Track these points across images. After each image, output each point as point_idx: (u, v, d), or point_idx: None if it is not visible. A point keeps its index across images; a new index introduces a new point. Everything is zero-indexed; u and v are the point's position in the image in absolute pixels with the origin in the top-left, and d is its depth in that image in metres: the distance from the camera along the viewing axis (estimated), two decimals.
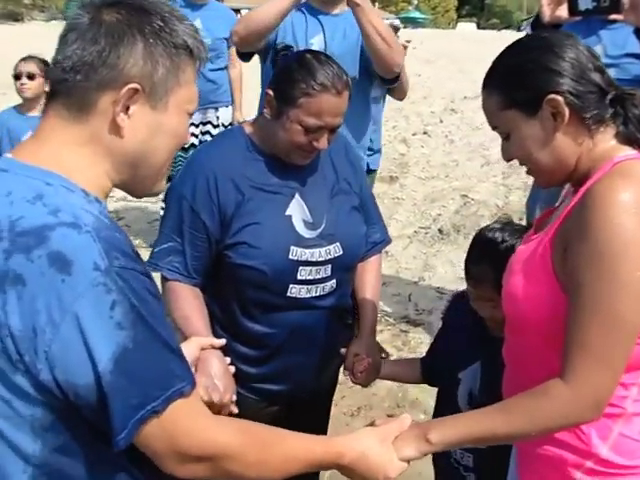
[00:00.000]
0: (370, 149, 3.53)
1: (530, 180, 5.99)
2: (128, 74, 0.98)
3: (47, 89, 1.17)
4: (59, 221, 0.91)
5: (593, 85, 1.21)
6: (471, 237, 4.47)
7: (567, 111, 1.19)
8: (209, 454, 0.97)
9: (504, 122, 1.26)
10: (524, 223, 5.26)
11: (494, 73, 1.28)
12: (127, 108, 0.99)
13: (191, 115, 1.07)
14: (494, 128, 1.30)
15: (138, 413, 0.89)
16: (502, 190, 5.71)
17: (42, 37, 5.47)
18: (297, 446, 1.09)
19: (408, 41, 3.32)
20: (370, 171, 3.59)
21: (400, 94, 3.58)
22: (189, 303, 1.70)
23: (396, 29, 3.30)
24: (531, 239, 1.30)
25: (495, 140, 3.50)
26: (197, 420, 0.96)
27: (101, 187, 1.02)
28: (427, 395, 3.17)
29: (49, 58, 1.06)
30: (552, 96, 1.19)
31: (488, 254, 1.60)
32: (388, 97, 3.68)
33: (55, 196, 0.94)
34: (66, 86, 0.99)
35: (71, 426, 0.93)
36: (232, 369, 1.63)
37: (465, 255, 1.72)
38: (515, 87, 1.23)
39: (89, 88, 0.98)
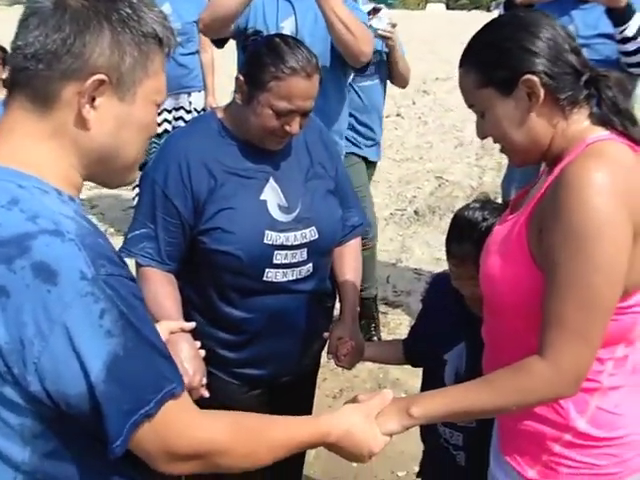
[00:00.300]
0: (371, 139, 3.52)
1: (504, 161, 6.04)
2: (94, 64, 0.93)
3: (3, 76, 1.11)
4: (40, 228, 0.88)
5: (569, 66, 1.21)
6: (447, 218, 4.48)
7: (542, 92, 1.20)
8: (201, 452, 0.97)
9: (480, 100, 1.26)
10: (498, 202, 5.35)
11: (471, 51, 1.28)
12: (93, 99, 0.95)
13: (159, 106, 1.04)
14: (470, 106, 1.30)
15: (131, 418, 0.88)
16: (476, 171, 5.74)
17: (4, 22, 5.34)
18: (285, 431, 1.10)
19: (394, 25, 3.29)
20: (370, 163, 3.59)
21: (401, 82, 3.57)
22: (161, 288, 1.69)
23: (376, 10, 3.28)
24: (507, 219, 1.31)
25: (468, 121, 3.56)
26: (188, 420, 0.95)
27: (72, 182, 0.98)
28: (408, 375, 3.20)
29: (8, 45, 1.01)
30: (528, 76, 1.20)
31: (469, 233, 1.61)
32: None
33: (31, 200, 0.91)
34: (27, 75, 0.94)
35: (62, 432, 0.92)
36: (202, 352, 1.61)
37: (441, 236, 1.73)
38: (492, 66, 1.23)
39: (52, 78, 0.93)
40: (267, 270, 1.72)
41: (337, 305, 1.97)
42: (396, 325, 3.76)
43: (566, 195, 1.13)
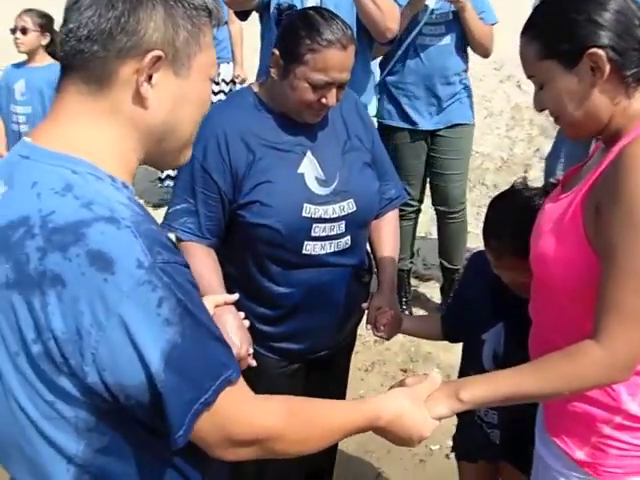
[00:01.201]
0: (431, 104, 3.15)
1: (534, 132, 5.95)
2: (150, 40, 0.90)
3: (43, 43, 1.05)
4: (95, 215, 0.86)
5: (637, 42, 1.17)
6: (477, 191, 4.40)
7: (608, 67, 1.15)
8: (257, 438, 0.96)
9: (541, 72, 1.22)
10: (528, 175, 5.25)
11: (535, 20, 1.24)
12: (150, 77, 0.92)
13: (212, 80, 1.02)
14: (529, 77, 1.27)
15: (192, 407, 0.87)
16: (506, 142, 5.65)
17: None
18: (337, 416, 1.09)
19: None
20: (425, 132, 3.22)
21: (478, 50, 3.17)
22: (203, 262, 1.70)
23: None
24: (560, 198, 1.27)
25: (496, 91, 3.46)
26: (245, 406, 0.95)
27: (128, 168, 0.97)
28: (440, 349, 3.21)
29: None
30: (594, 50, 1.15)
31: (508, 226, 1.57)
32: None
33: (85, 186, 0.89)
34: (82, 58, 0.91)
35: (116, 426, 0.91)
36: (247, 323, 1.63)
37: (472, 208, 1.69)
38: (556, 37, 1.19)
39: (108, 58, 0.90)
40: (306, 243, 1.72)
41: (373, 278, 1.97)
42: (427, 299, 3.75)
43: (626, 177, 1.10)
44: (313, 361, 1.92)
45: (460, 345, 1.89)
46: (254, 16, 2.75)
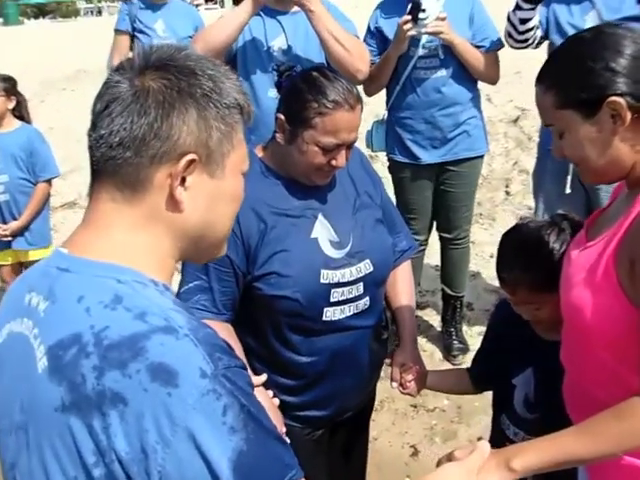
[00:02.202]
0: (431, 138, 3.06)
1: (509, 145, 6.00)
2: (183, 144, 0.89)
3: (10, 107, 1.01)
4: (151, 327, 0.83)
5: None
6: None
7: (629, 114, 1.15)
8: None
9: (559, 121, 1.21)
10: (510, 190, 5.29)
11: (551, 69, 1.22)
12: (183, 179, 0.90)
13: (245, 175, 0.99)
14: (547, 125, 1.25)
15: None
16: (484, 158, 5.69)
17: None
18: None
19: (442, 18, 2.82)
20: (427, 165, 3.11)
21: (481, 78, 3.09)
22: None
23: (415, 4, 2.78)
24: (587, 246, 1.26)
25: None
26: None
27: (167, 270, 0.94)
28: None
29: None
30: (614, 98, 1.14)
31: (518, 258, 1.56)
32: None
33: (134, 296, 0.86)
34: (114, 164, 0.89)
35: None
36: (277, 402, 1.60)
37: None
38: (574, 87, 1.17)
39: (142, 164, 0.88)
40: (325, 309, 1.68)
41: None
42: (427, 327, 3.72)
43: None
44: (337, 424, 1.88)
45: None
46: None
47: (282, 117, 1.63)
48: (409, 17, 2.80)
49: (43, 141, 3.66)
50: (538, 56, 3.15)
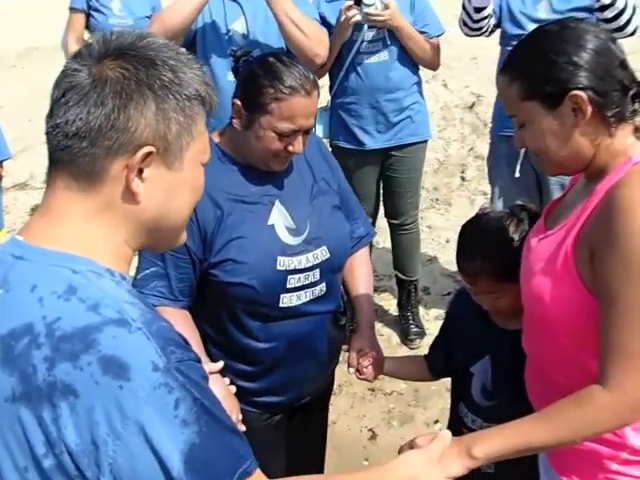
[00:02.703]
0: (377, 122, 3.05)
1: (465, 131, 6.06)
2: (141, 136, 0.87)
3: None
4: (103, 319, 0.82)
5: (617, 82, 1.18)
6: None
7: (589, 108, 1.17)
8: None
9: (522, 112, 1.23)
10: (465, 175, 5.35)
11: (516, 61, 1.24)
12: (140, 172, 0.89)
13: (205, 165, 0.98)
14: (511, 116, 1.27)
15: None
16: (440, 144, 5.70)
17: None
18: None
19: (386, 6, 2.81)
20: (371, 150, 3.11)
21: (424, 64, 3.11)
22: (180, 327, 1.61)
23: None
24: (546, 235, 1.28)
25: (424, 92, 3.48)
26: None
27: (123, 258, 0.93)
28: None
29: None
30: (576, 92, 1.16)
31: (479, 248, 1.58)
32: None
33: (88, 286, 0.85)
34: (70, 153, 0.88)
35: None
36: (233, 389, 1.60)
37: None
38: (538, 79, 1.19)
39: (97, 155, 0.87)
40: (282, 296, 1.68)
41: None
42: (384, 312, 3.75)
43: (620, 222, 1.11)
44: (295, 409, 1.89)
45: None
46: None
47: (239, 102, 1.62)
48: (351, 2, 2.80)
49: None
50: (493, 44, 3.19)
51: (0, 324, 0.85)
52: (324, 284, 1.74)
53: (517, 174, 2.89)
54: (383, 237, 4.52)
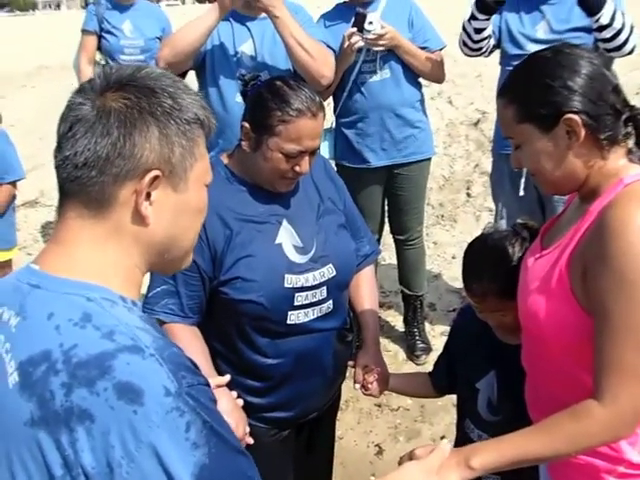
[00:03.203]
0: (382, 140, 3.10)
1: (470, 147, 6.12)
2: (146, 162, 0.92)
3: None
4: (118, 346, 0.86)
5: (609, 106, 1.23)
6: None
7: (583, 131, 1.21)
8: None
9: (519, 134, 1.28)
10: (471, 192, 5.39)
11: (513, 84, 1.29)
12: (148, 195, 0.94)
13: (208, 186, 1.03)
14: (507, 137, 1.32)
15: None
16: (445, 160, 5.78)
17: None
18: None
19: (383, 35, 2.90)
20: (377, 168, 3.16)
21: (429, 79, 3.19)
22: (190, 344, 1.67)
23: (359, 16, 2.86)
24: (542, 255, 1.32)
25: (429, 109, 3.51)
26: None
27: (134, 282, 0.97)
28: None
29: None
30: (570, 116, 1.21)
31: (485, 269, 1.61)
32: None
33: (103, 314, 0.89)
34: (80, 183, 0.92)
35: None
36: (240, 402, 1.63)
37: None
38: (534, 102, 1.24)
39: (106, 183, 0.92)
40: (290, 313, 1.72)
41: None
42: (390, 327, 3.78)
43: (612, 241, 1.15)
44: (302, 425, 1.92)
45: None
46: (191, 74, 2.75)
47: (247, 125, 1.67)
48: (354, 29, 2.85)
49: (9, 142, 3.61)
50: (498, 61, 3.25)
51: (19, 351, 0.89)
52: (331, 301, 1.78)
53: (521, 192, 2.92)
54: (389, 254, 4.57)
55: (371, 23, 2.84)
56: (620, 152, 1.26)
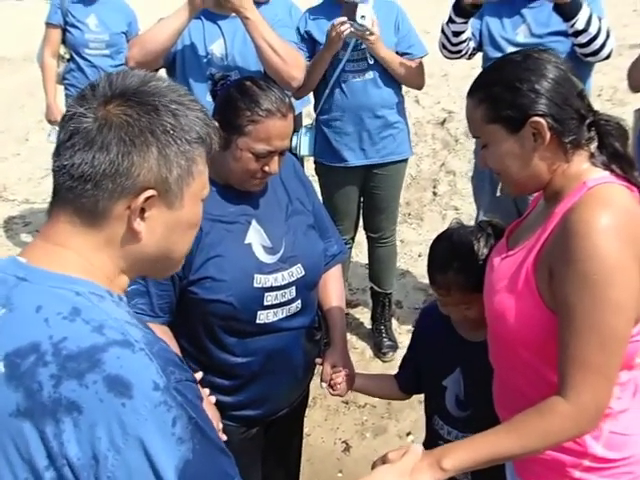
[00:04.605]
0: (359, 139, 3.10)
1: (437, 146, 6.17)
2: (143, 180, 0.93)
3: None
4: (108, 340, 0.87)
5: (574, 111, 1.27)
6: None
7: (548, 134, 1.25)
8: None
9: (486, 134, 1.31)
10: (437, 190, 5.45)
11: (483, 85, 1.32)
12: (142, 211, 0.95)
13: (203, 200, 1.03)
14: (475, 137, 1.36)
15: None
16: (412, 159, 5.79)
17: None
18: None
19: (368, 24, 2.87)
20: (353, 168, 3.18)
21: (406, 84, 3.20)
22: None
23: (354, 6, 2.83)
24: (508, 255, 1.36)
25: None
26: None
27: (119, 286, 0.99)
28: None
29: None
30: (536, 118, 1.25)
31: (451, 261, 1.65)
32: None
33: (92, 309, 0.90)
34: (74, 194, 0.93)
35: None
36: (213, 399, 1.64)
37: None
38: (502, 104, 1.27)
39: (101, 197, 0.92)
40: (259, 312, 1.73)
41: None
42: (358, 324, 3.81)
43: (575, 242, 1.18)
44: (271, 422, 1.94)
45: None
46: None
47: (216, 124, 1.67)
48: (344, 18, 2.86)
49: None
50: (464, 61, 3.28)
51: (5, 342, 0.89)
52: (299, 301, 1.80)
53: (498, 193, 2.95)
54: (357, 251, 4.59)
55: (363, 17, 2.83)
56: (583, 156, 1.30)
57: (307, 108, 4.13)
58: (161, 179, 0.94)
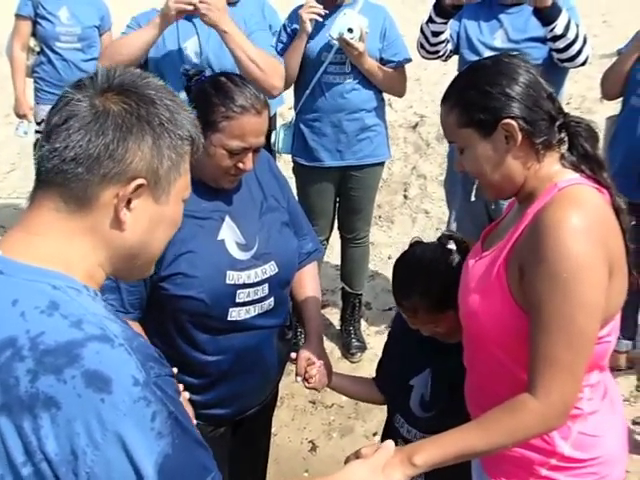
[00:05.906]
0: (337, 141, 3.14)
1: (408, 150, 6.21)
2: (135, 169, 0.93)
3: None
4: (87, 335, 0.86)
5: (544, 112, 1.30)
6: None
7: (520, 136, 1.28)
8: None
9: (460, 138, 1.34)
10: (408, 194, 5.48)
11: (455, 91, 1.34)
12: (129, 201, 0.95)
13: (185, 202, 1.04)
14: (450, 142, 1.38)
15: None
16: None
17: None
18: None
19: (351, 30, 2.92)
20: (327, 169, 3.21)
21: (388, 92, 3.26)
22: None
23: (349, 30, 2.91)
24: (482, 256, 1.38)
25: None
26: None
27: (95, 280, 0.97)
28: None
29: None
30: (507, 121, 1.28)
31: (414, 285, 1.63)
32: None
33: (70, 303, 0.89)
34: (64, 177, 0.92)
35: None
36: (187, 395, 1.63)
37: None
38: (474, 108, 1.30)
39: (91, 182, 0.92)
40: (231, 310, 1.72)
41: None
42: (326, 325, 3.81)
43: (545, 242, 1.20)
44: (240, 421, 1.92)
45: None
46: None
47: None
48: (314, 2, 2.92)
49: None
50: (436, 65, 3.31)
51: None
52: (272, 299, 1.79)
53: (473, 198, 2.98)
54: (329, 252, 4.60)
55: (351, 30, 2.89)
56: (554, 157, 1.33)
57: (280, 108, 4.13)
58: (152, 169, 0.95)
